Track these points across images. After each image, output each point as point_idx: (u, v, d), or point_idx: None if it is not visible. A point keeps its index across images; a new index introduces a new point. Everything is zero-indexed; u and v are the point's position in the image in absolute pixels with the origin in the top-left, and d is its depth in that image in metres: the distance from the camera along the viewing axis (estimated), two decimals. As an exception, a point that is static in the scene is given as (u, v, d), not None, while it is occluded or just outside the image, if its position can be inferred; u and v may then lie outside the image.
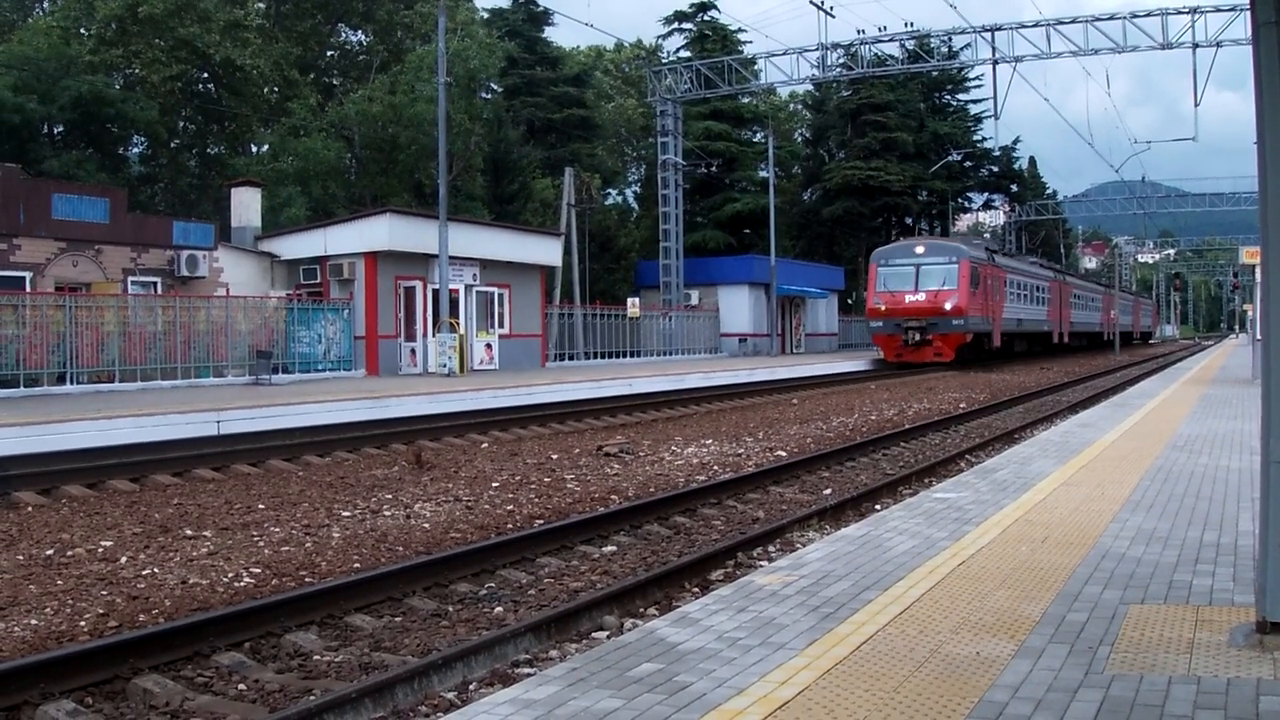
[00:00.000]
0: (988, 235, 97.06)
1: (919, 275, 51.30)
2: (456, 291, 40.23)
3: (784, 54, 56.07)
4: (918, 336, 50.61)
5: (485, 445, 21.31)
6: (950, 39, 59.88)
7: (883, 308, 51.81)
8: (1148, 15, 47.82)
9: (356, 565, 10.94)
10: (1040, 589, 7.39)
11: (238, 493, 15.62)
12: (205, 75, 58.71)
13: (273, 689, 7.56)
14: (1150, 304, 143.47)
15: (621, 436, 22.07)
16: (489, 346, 42.42)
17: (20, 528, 13.05)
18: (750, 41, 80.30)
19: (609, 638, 8.15)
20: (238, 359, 34.54)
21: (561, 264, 52.38)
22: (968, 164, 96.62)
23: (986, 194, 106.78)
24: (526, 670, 7.71)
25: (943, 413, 27.44)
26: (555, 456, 19.29)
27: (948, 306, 49.97)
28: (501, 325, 44.19)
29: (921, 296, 50.83)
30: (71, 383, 29.49)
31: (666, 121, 59.39)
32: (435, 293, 38.59)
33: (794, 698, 5.32)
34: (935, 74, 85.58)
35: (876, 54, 58.24)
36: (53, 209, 32.68)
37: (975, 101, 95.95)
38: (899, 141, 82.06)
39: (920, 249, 52.64)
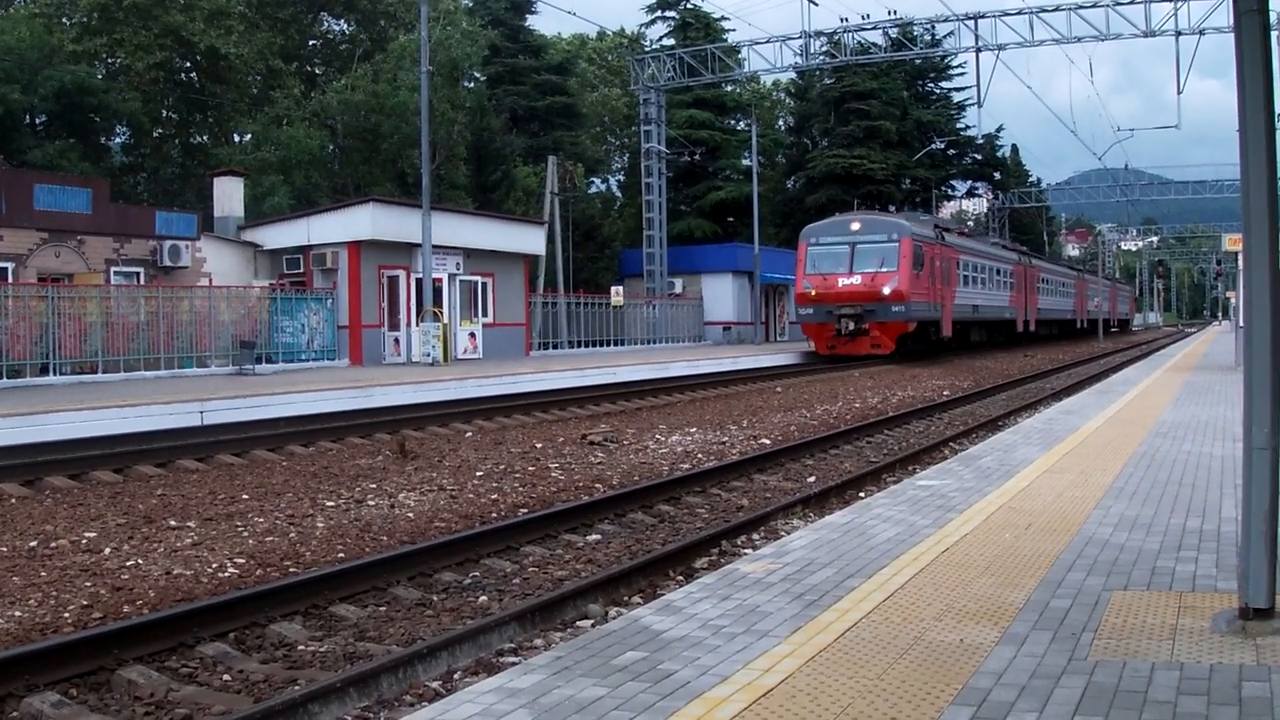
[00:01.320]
0: (971, 223, 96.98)
1: (854, 255, 45.09)
2: (440, 280, 40.22)
3: (767, 42, 56.05)
4: (852, 326, 44.43)
5: (469, 434, 21.31)
6: (933, 27, 59.98)
7: (813, 293, 45.49)
8: (1131, 3, 47.83)
9: (341, 555, 10.94)
10: (1024, 576, 7.41)
11: (222, 483, 15.60)
12: (188, 64, 58.55)
13: (257, 679, 7.57)
14: (1128, 290, 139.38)
15: (606, 425, 22.08)
16: (473, 335, 42.36)
17: (3, 520, 13.02)
18: (733, 30, 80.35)
19: (593, 626, 8.17)
20: (221, 349, 34.45)
21: (545, 253, 52.30)
22: (951, 152, 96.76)
23: (970, 182, 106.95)
24: (511, 659, 7.72)
25: (926, 400, 27.52)
26: (540, 445, 19.31)
27: (886, 291, 43.80)
28: (485, 314, 44.12)
29: (856, 280, 44.66)
30: (54, 374, 29.39)
31: (649, 110, 59.34)
32: (419, 282, 38.56)
33: (778, 685, 5.34)
34: (918, 62, 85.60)
35: (860, 42, 58.03)
36: (35, 199, 32.56)
37: (958, 89, 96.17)
38: (882, 129, 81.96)
39: (856, 225, 46.19)
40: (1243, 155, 6.14)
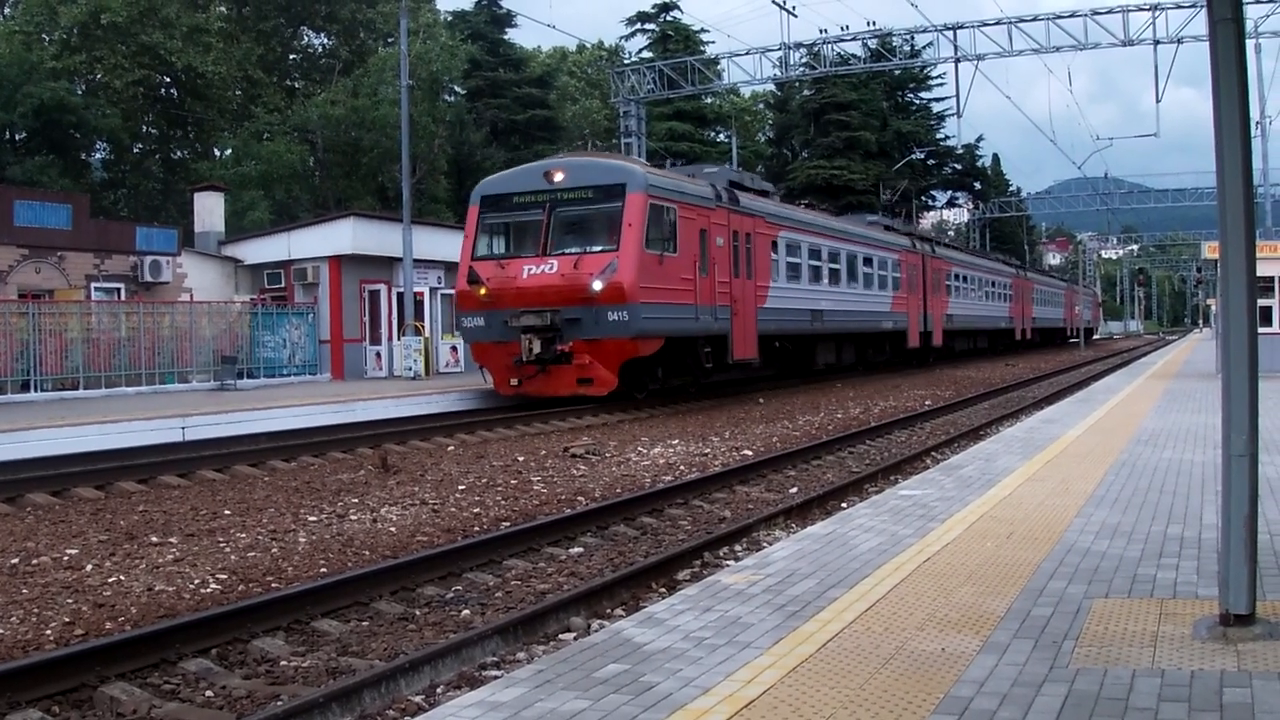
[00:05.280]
0: (951, 233, 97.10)
1: (550, 225, 27.30)
2: (421, 294, 40.17)
3: (747, 54, 56.02)
4: (538, 346, 26.14)
5: (451, 448, 21.27)
6: (912, 37, 60.18)
7: (481, 291, 27.19)
8: (1109, 12, 47.90)
9: (323, 570, 10.91)
10: (1005, 584, 7.43)
11: (203, 499, 15.55)
12: (168, 80, 58.54)
13: (240, 695, 7.54)
14: (1090, 294, 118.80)
15: (588, 438, 22.06)
16: (454, 349, 42.25)
17: (-16, 537, 12.96)
18: (713, 42, 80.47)
19: (576, 639, 8.15)
20: (202, 364, 34.40)
21: (527, 265, 52.19)
22: (931, 162, 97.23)
23: (950, 192, 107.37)
24: (494, 673, 7.71)
25: (908, 410, 27.51)
26: (521, 458, 19.27)
27: (596, 286, 25.80)
28: (467, 328, 44.03)
29: (552, 266, 26.74)
30: (35, 390, 29.31)
31: (630, 122, 59.28)
32: (400, 296, 38.49)
33: (760, 696, 5.34)
34: (898, 73, 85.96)
35: (839, 53, 58.10)
36: (15, 216, 32.51)
37: (938, 100, 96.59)
38: (862, 140, 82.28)
39: (559, 175, 27.62)
40: (1219, 163, 6.17)
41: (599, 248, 26.64)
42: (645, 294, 26.29)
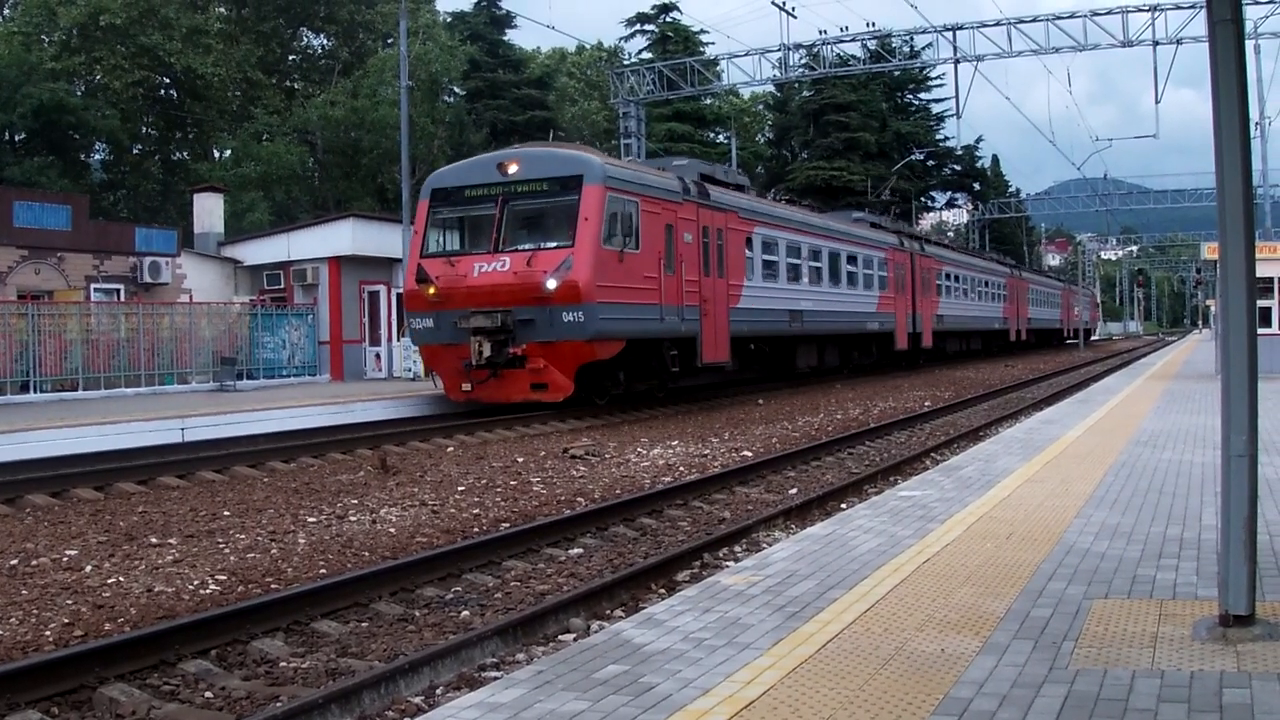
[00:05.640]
0: (951, 234, 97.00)
1: (503, 221, 25.82)
2: (421, 295, 40.15)
3: (746, 55, 55.98)
4: (488, 349, 24.68)
5: (450, 449, 21.25)
6: (912, 38, 60.16)
7: (431, 290, 25.73)
8: (1108, 13, 47.87)
9: (322, 571, 10.91)
10: (1005, 585, 7.42)
11: (203, 500, 15.54)
12: (167, 81, 58.58)
13: (239, 696, 7.54)
14: (1088, 294, 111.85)
15: (587, 439, 22.03)
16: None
17: (-17, 538, 12.95)
18: (713, 43, 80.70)
19: (575, 640, 8.14)
20: (202, 365, 34.40)
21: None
22: (930, 163, 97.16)
23: (949, 193, 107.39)
24: (493, 674, 7.71)
25: (908, 411, 27.49)
26: (521, 459, 19.25)
27: (550, 285, 24.35)
28: (467, 328, 44.01)
29: (504, 264, 25.17)
30: (35, 391, 29.31)
31: (629, 123, 59.24)
32: (399, 297, 38.46)
33: (759, 697, 5.33)
34: (897, 74, 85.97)
35: (838, 54, 58.13)
36: (14, 216, 32.52)
37: (937, 101, 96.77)
38: (861, 141, 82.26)
39: (513, 167, 26.10)
40: (1218, 164, 6.17)
41: (554, 244, 25.23)
42: (603, 293, 24.80)
